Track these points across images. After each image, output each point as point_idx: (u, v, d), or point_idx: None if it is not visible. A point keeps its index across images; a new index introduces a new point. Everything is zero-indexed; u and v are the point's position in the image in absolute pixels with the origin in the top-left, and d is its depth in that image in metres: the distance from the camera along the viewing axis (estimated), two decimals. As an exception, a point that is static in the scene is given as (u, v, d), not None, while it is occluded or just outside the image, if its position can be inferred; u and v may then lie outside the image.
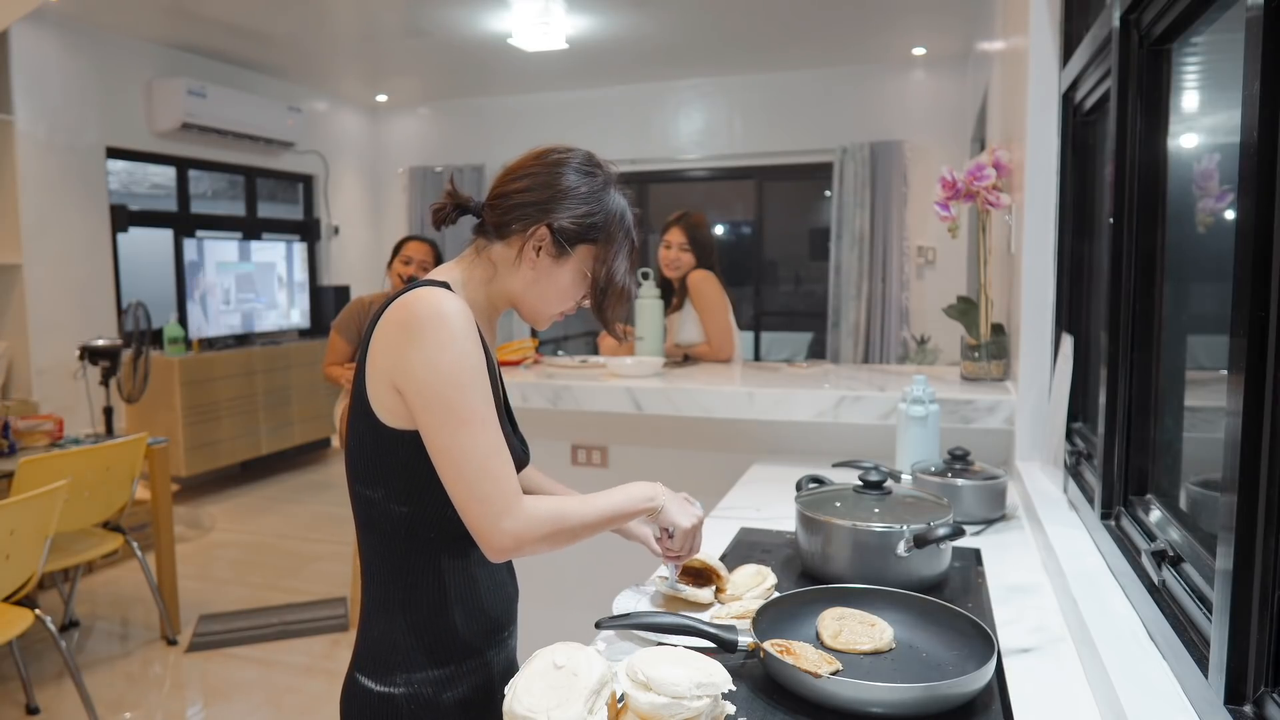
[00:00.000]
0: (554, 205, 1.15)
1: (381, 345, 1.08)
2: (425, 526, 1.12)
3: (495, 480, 1.04)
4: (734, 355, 3.27)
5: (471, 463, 1.04)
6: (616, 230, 1.19)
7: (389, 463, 1.10)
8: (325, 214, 7.23)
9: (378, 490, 1.11)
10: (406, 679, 1.13)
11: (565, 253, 1.16)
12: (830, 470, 1.80)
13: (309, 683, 3.15)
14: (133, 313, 4.02)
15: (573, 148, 1.21)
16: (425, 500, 1.10)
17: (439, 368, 1.03)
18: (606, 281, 1.18)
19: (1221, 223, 1.16)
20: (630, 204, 1.22)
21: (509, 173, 1.20)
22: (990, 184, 2.19)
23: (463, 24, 5.26)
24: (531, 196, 1.16)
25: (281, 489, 5.91)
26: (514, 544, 1.05)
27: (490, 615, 1.19)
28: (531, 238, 1.16)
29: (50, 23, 4.92)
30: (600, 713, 0.86)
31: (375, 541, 1.14)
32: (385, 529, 1.12)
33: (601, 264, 1.18)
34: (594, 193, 1.17)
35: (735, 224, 7.37)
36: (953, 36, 5.59)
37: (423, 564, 1.13)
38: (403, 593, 1.13)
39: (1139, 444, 1.35)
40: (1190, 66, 1.30)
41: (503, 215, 1.17)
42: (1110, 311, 1.40)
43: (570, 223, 1.15)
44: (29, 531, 2.55)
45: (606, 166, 1.22)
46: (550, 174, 1.17)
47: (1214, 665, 0.81)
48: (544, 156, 1.19)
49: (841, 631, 1.16)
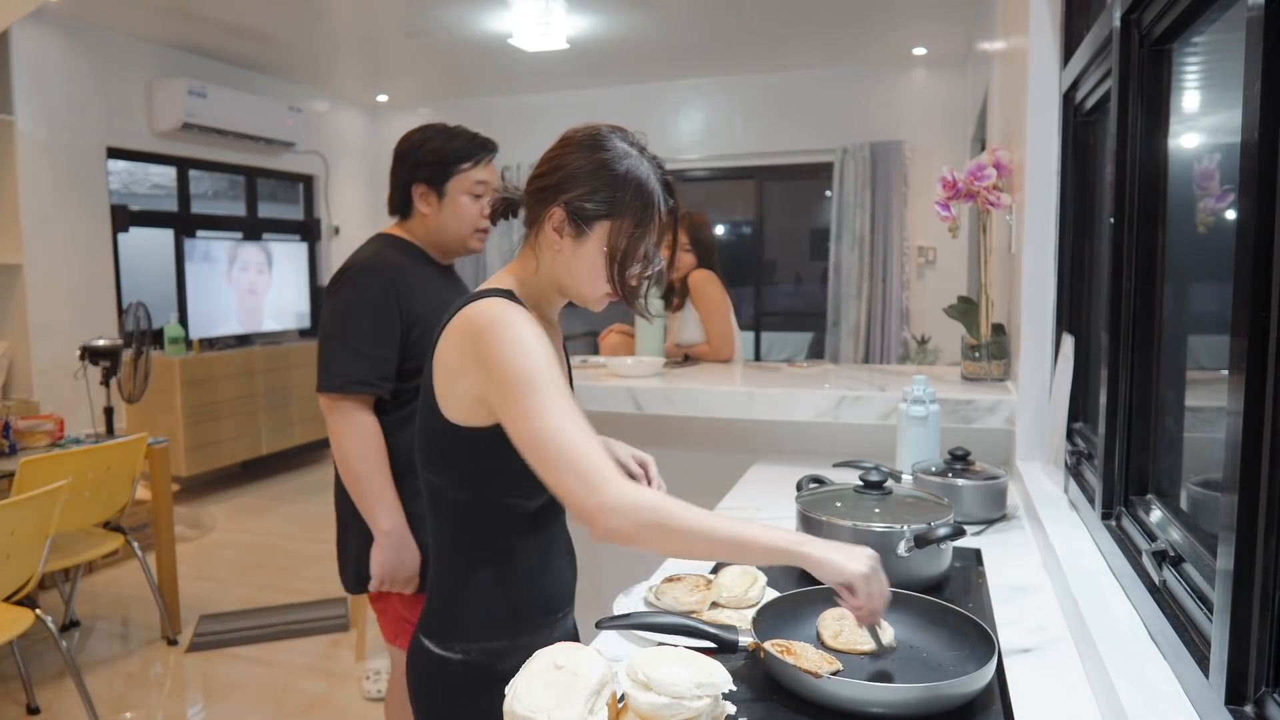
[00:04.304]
0: (565, 185, 1.16)
1: (451, 352, 1.14)
2: (484, 512, 1.18)
3: (589, 456, 1.04)
4: (734, 355, 3.27)
5: (562, 443, 1.04)
6: (634, 201, 1.16)
7: (451, 455, 1.17)
8: (325, 214, 7.23)
9: (441, 478, 1.19)
10: (464, 647, 1.19)
11: (584, 231, 1.16)
12: (830, 470, 1.80)
13: (309, 683, 3.15)
14: (133, 313, 4.02)
15: (595, 125, 1.20)
16: (485, 490, 1.17)
17: (514, 363, 1.07)
18: (624, 256, 1.16)
19: (1221, 223, 1.16)
20: (656, 172, 1.18)
21: (539, 162, 1.21)
22: (990, 184, 2.19)
23: (463, 24, 5.26)
24: (549, 179, 1.18)
25: (282, 489, 5.91)
26: (620, 519, 1.01)
27: (546, 595, 1.25)
28: (550, 220, 1.17)
29: (50, 23, 4.92)
30: (600, 713, 0.86)
31: (440, 520, 1.22)
32: (447, 512, 1.20)
33: (620, 237, 1.16)
34: (607, 166, 1.16)
35: (735, 224, 7.37)
36: (953, 36, 5.59)
37: (482, 545, 1.20)
38: (463, 568, 1.20)
39: (1139, 444, 1.35)
40: (1190, 66, 1.30)
41: (530, 203, 1.21)
42: (1110, 311, 1.40)
43: (582, 200, 1.15)
44: (29, 531, 2.55)
45: (631, 137, 1.19)
46: (567, 154, 1.18)
47: (1215, 665, 0.81)
48: (567, 139, 1.20)
49: (842, 631, 1.16)
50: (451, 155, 1.81)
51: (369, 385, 1.75)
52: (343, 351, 1.76)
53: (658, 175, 1.19)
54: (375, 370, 1.75)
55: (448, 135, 1.83)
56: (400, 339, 1.77)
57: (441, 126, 1.85)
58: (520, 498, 1.19)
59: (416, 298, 1.80)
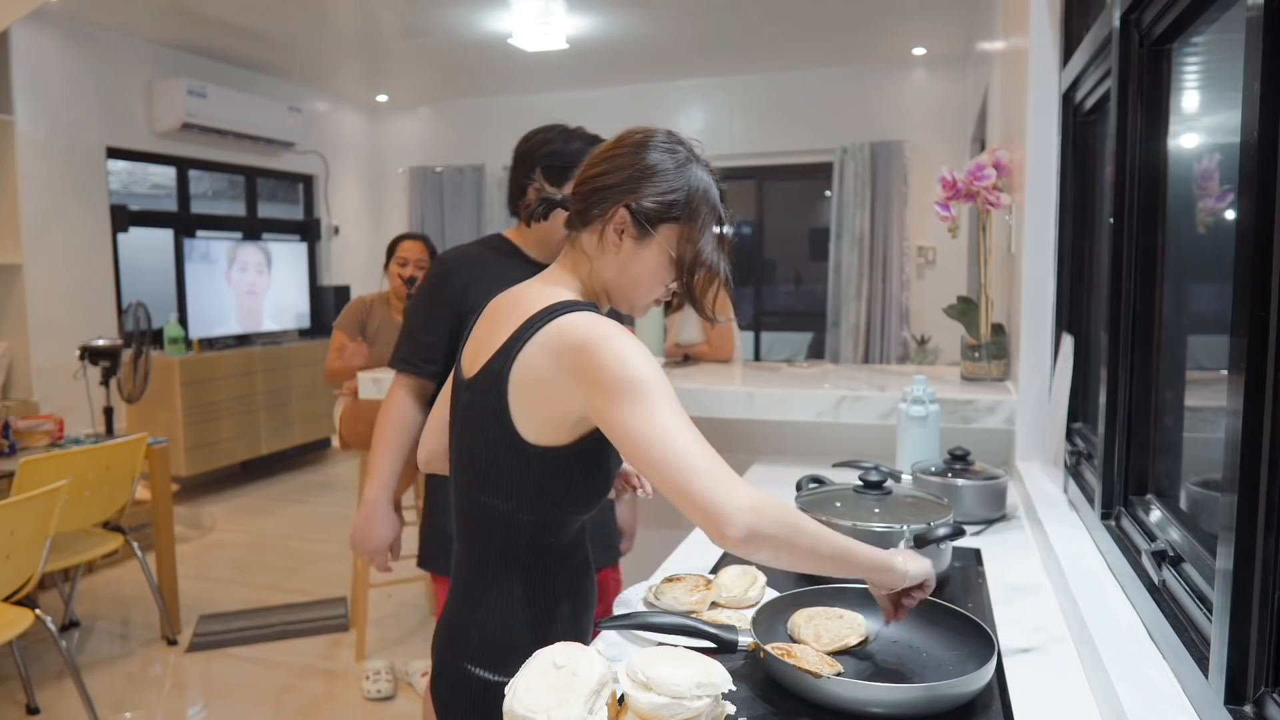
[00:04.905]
0: (631, 185, 1.13)
1: (541, 371, 1.09)
2: (546, 533, 1.17)
3: (710, 456, 1.00)
4: (734, 355, 3.27)
5: (681, 444, 1.00)
6: (700, 206, 1.15)
7: (526, 478, 1.13)
8: (325, 214, 7.23)
9: (509, 502, 1.15)
10: None
11: (648, 234, 1.14)
12: (830, 470, 1.80)
13: (309, 683, 3.15)
14: (133, 313, 4.02)
15: (652, 127, 1.19)
16: (551, 511, 1.16)
17: (629, 372, 1.03)
18: (694, 261, 1.14)
19: (1221, 223, 1.16)
20: (716, 180, 1.18)
21: (591, 160, 1.19)
22: (990, 184, 2.19)
23: (463, 24, 5.26)
24: (610, 180, 1.14)
25: (282, 489, 5.91)
26: (752, 519, 0.96)
27: (589, 600, 1.26)
28: (612, 221, 1.14)
29: (50, 23, 4.91)
30: (600, 713, 0.86)
31: (496, 546, 1.18)
32: (509, 535, 1.17)
33: (687, 243, 1.14)
34: (673, 170, 1.14)
35: (735, 224, 7.36)
36: (953, 36, 5.59)
37: (542, 566, 1.18)
38: (522, 590, 1.17)
39: (1139, 444, 1.35)
40: (1190, 66, 1.30)
41: (583, 202, 1.17)
42: (1110, 311, 1.40)
43: (649, 202, 1.13)
44: (29, 531, 2.55)
45: (688, 144, 1.18)
46: (628, 155, 1.15)
47: (1214, 665, 0.81)
48: (624, 139, 1.18)
49: (821, 634, 1.16)
50: (571, 157, 1.77)
51: (410, 365, 1.83)
52: (402, 333, 1.89)
53: (715, 181, 1.18)
54: (418, 352, 1.83)
55: (567, 137, 1.82)
56: (448, 326, 1.81)
57: (562, 128, 1.84)
58: (580, 514, 1.19)
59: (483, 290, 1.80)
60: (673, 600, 1.29)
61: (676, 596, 1.30)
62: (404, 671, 3.11)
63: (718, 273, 1.17)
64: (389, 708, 2.97)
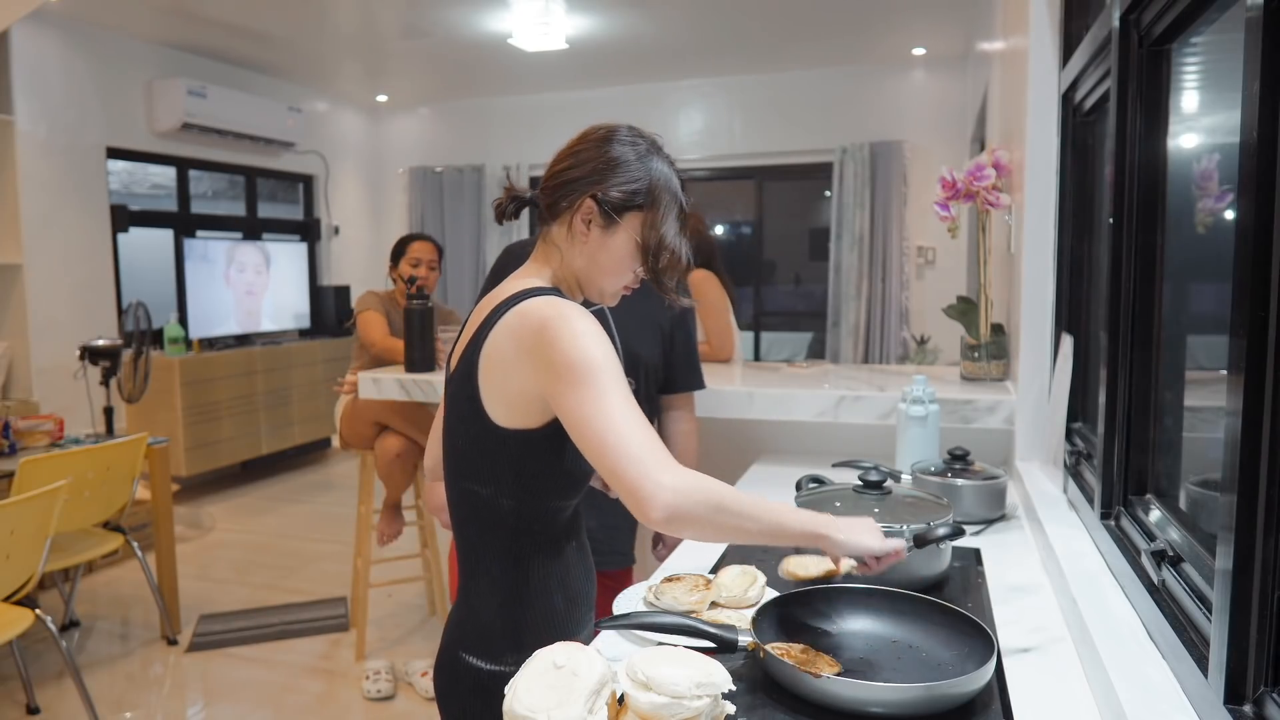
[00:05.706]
0: (597, 177, 1.19)
1: (505, 348, 1.13)
2: (530, 519, 1.19)
3: (645, 439, 1.04)
4: (734, 355, 3.27)
5: (619, 426, 1.04)
6: (662, 194, 1.20)
7: (500, 461, 1.16)
8: (325, 214, 7.23)
9: (488, 487, 1.18)
10: (516, 658, 1.19)
11: (614, 222, 1.19)
12: (830, 470, 1.80)
13: (309, 683, 3.15)
14: (133, 313, 4.02)
15: (615, 123, 1.25)
16: (531, 495, 1.18)
17: (577, 355, 1.07)
18: (658, 245, 1.20)
19: (1221, 223, 1.16)
20: (676, 170, 1.24)
21: (557, 157, 1.24)
22: (990, 184, 2.19)
23: (463, 24, 5.26)
24: (575, 173, 1.20)
25: (282, 489, 5.92)
26: (674, 499, 1.01)
27: (582, 595, 1.27)
28: (579, 211, 1.19)
29: (50, 23, 4.91)
30: (600, 713, 0.86)
31: (483, 533, 1.21)
32: (493, 522, 1.20)
33: (651, 229, 1.19)
34: (635, 161, 1.20)
35: (735, 224, 7.37)
36: (953, 36, 5.59)
37: (529, 553, 1.20)
38: (512, 580, 1.20)
39: (1139, 444, 1.36)
40: (1190, 66, 1.30)
41: (551, 196, 1.22)
42: (1110, 311, 1.40)
43: (614, 192, 1.18)
44: (29, 531, 2.55)
45: (649, 137, 1.24)
46: (592, 149, 1.20)
47: (1214, 665, 0.82)
48: (588, 135, 1.23)
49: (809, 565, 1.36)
50: None
51: None
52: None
53: (675, 171, 1.23)
54: None
55: None
56: None
57: None
58: (561, 499, 1.21)
59: None
60: (672, 600, 1.30)
61: (676, 596, 1.30)
62: (404, 671, 3.11)
63: (680, 256, 1.22)
64: (389, 708, 2.97)
